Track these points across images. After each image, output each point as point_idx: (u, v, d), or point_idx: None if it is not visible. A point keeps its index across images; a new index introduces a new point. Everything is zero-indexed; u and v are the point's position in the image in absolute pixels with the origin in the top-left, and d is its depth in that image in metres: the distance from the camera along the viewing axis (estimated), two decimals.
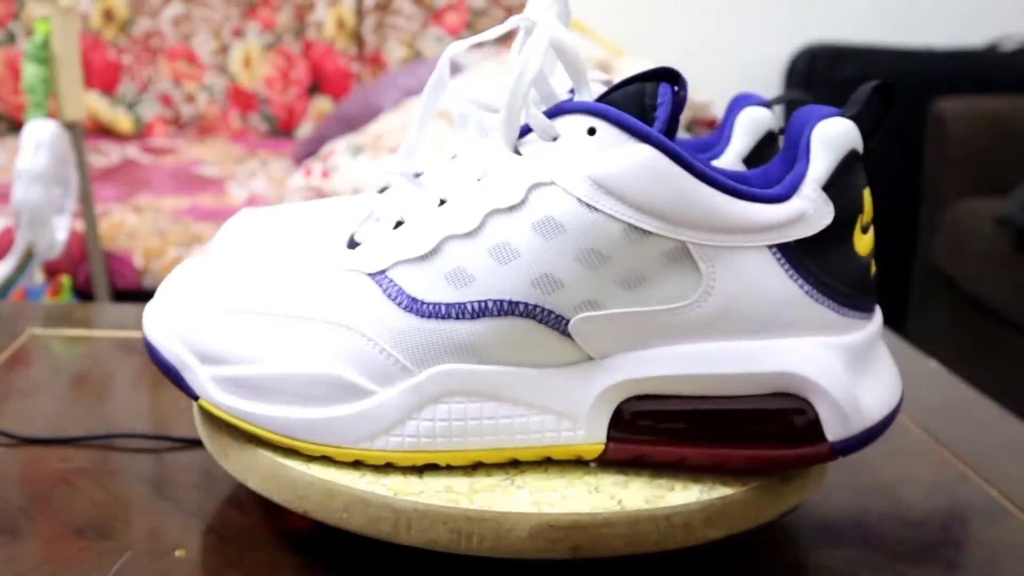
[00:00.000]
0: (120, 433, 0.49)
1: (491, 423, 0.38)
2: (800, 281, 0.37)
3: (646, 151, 0.36)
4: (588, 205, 0.36)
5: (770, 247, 0.37)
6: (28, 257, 1.12)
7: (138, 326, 0.68)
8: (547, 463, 0.39)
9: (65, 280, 1.26)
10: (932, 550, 0.43)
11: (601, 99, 0.38)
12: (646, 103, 0.37)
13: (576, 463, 0.39)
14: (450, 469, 0.38)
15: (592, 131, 0.36)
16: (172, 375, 0.40)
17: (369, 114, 1.66)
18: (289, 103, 2.00)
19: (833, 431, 0.38)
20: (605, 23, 2.00)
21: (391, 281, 0.38)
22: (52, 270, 1.29)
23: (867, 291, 0.39)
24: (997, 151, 1.85)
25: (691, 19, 2.18)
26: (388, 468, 0.38)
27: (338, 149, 1.57)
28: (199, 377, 0.39)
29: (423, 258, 0.38)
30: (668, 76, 0.38)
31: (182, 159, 1.78)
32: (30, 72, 1.13)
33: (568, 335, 0.37)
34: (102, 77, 1.96)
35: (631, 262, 0.36)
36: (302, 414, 0.38)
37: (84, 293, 1.33)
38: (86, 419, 0.52)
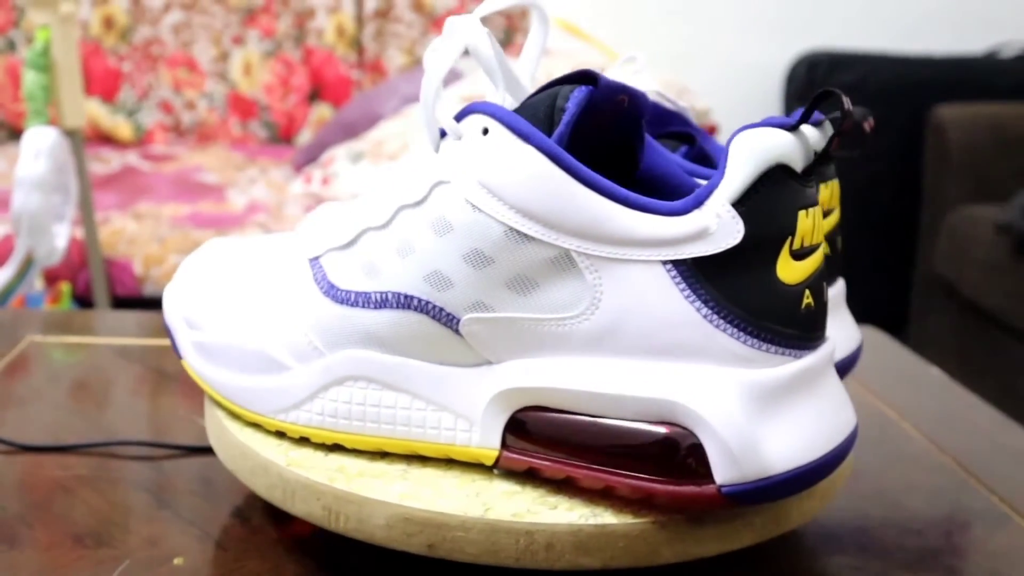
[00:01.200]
0: (119, 441, 0.49)
1: (390, 412, 0.39)
2: (697, 303, 0.34)
3: (530, 154, 0.35)
4: (473, 205, 0.36)
5: (664, 263, 0.34)
6: (28, 264, 1.12)
7: (138, 333, 0.68)
8: (452, 462, 0.39)
9: (65, 287, 1.26)
10: (934, 557, 0.43)
11: (524, 103, 0.37)
12: (557, 105, 0.36)
13: (481, 467, 0.39)
14: (357, 453, 0.39)
15: (486, 131, 0.36)
16: (169, 335, 0.44)
17: (369, 121, 1.66)
18: (289, 110, 2.00)
19: (722, 474, 0.33)
20: (604, 29, 2.01)
21: (320, 267, 0.40)
22: (52, 277, 1.29)
23: (795, 324, 0.34)
24: (997, 157, 1.85)
25: (690, 26, 2.18)
26: (304, 442, 0.40)
27: (338, 156, 1.58)
28: (183, 339, 0.43)
29: (345, 247, 0.39)
30: (588, 80, 0.36)
31: (182, 166, 1.78)
32: (30, 79, 1.13)
33: (461, 335, 0.37)
34: (102, 84, 1.96)
35: (516, 266, 0.36)
36: (239, 381, 0.41)
37: (84, 300, 1.33)
38: (85, 426, 0.52)
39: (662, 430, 0.34)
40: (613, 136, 0.38)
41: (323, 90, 2.01)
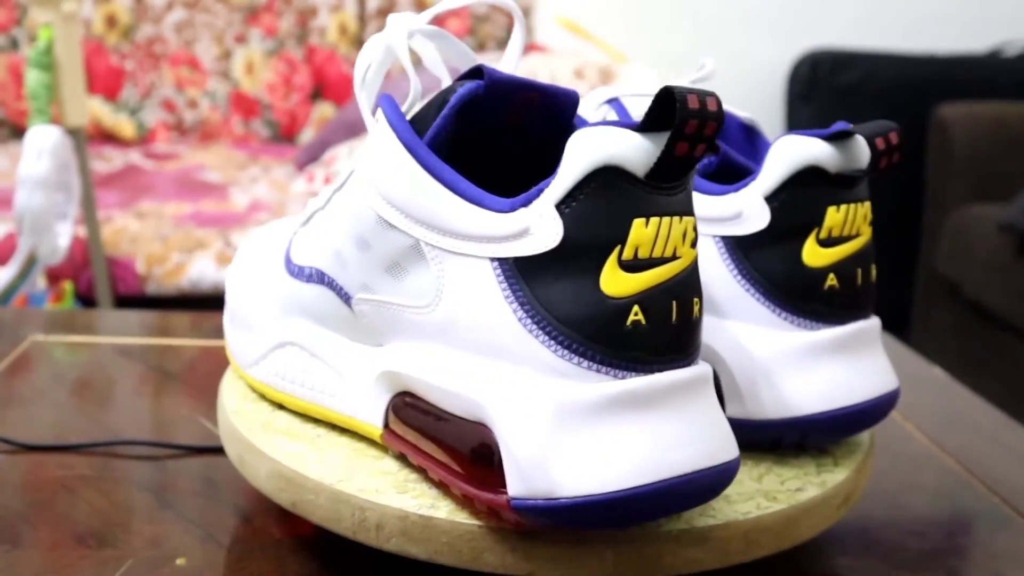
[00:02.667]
0: (122, 440, 0.49)
1: (312, 379, 0.42)
2: (515, 305, 0.33)
3: (394, 144, 0.36)
4: (357, 192, 0.38)
5: (492, 260, 0.33)
6: (31, 263, 1.12)
7: (140, 333, 0.68)
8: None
9: (67, 286, 1.26)
10: (936, 558, 0.43)
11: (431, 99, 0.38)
12: (445, 99, 0.37)
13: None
14: (297, 414, 0.43)
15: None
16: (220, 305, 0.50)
17: None
18: (291, 109, 2.00)
19: (512, 485, 0.32)
20: (608, 29, 2.00)
21: (290, 242, 0.44)
22: (54, 276, 1.29)
23: (617, 342, 0.32)
24: (1000, 157, 1.85)
25: (693, 25, 2.18)
26: (262, 398, 0.45)
27: (340, 155, 1.57)
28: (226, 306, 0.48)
29: (303, 225, 0.43)
30: (478, 75, 0.37)
31: (185, 165, 1.78)
32: (33, 78, 1.13)
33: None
34: (105, 83, 1.96)
35: (387, 252, 0.37)
36: (234, 336, 0.46)
37: (86, 299, 1.33)
38: (88, 426, 0.52)
39: (477, 432, 0.34)
40: (544, 134, 0.37)
41: (325, 89, 2.01)
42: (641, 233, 0.32)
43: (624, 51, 1.90)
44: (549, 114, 0.37)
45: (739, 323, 0.41)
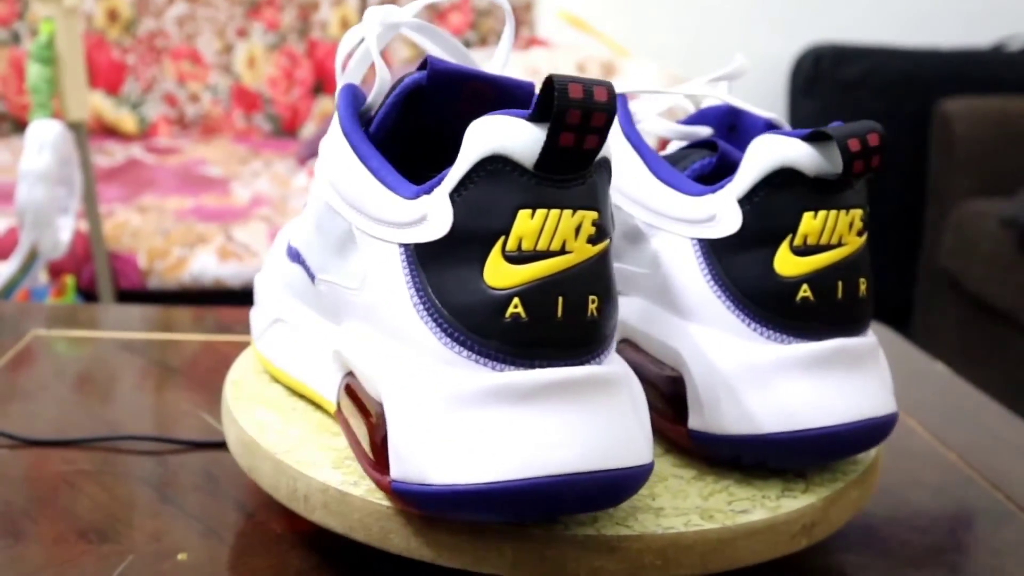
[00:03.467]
0: (124, 435, 0.49)
1: (294, 353, 0.44)
2: (412, 291, 0.33)
3: (337, 131, 0.38)
4: (317, 178, 0.39)
5: (399, 245, 0.34)
6: (32, 257, 1.12)
7: (142, 327, 0.68)
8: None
9: (69, 280, 1.26)
10: (938, 553, 0.43)
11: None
12: (394, 88, 0.38)
13: None
14: (287, 388, 0.45)
15: None
16: None
17: None
18: (293, 103, 2.00)
19: (393, 469, 0.33)
20: (610, 23, 2.00)
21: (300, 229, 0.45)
22: (56, 270, 1.29)
23: (497, 335, 0.31)
24: (1003, 151, 1.85)
25: (696, 19, 2.18)
26: (265, 372, 0.47)
27: None
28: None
29: (303, 208, 0.45)
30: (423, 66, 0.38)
31: (186, 159, 1.78)
32: (34, 72, 1.13)
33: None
34: (106, 77, 1.96)
35: (335, 235, 0.38)
36: (253, 310, 0.48)
37: (88, 294, 1.33)
38: (90, 421, 0.52)
39: (379, 414, 0.34)
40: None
41: (327, 83, 2.00)
42: (526, 225, 0.31)
43: (626, 45, 1.90)
44: (503, 105, 0.36)
45: (709, 330, 0.39)
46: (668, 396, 0.41)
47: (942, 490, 0.49)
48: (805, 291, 0.38)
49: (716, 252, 0.39)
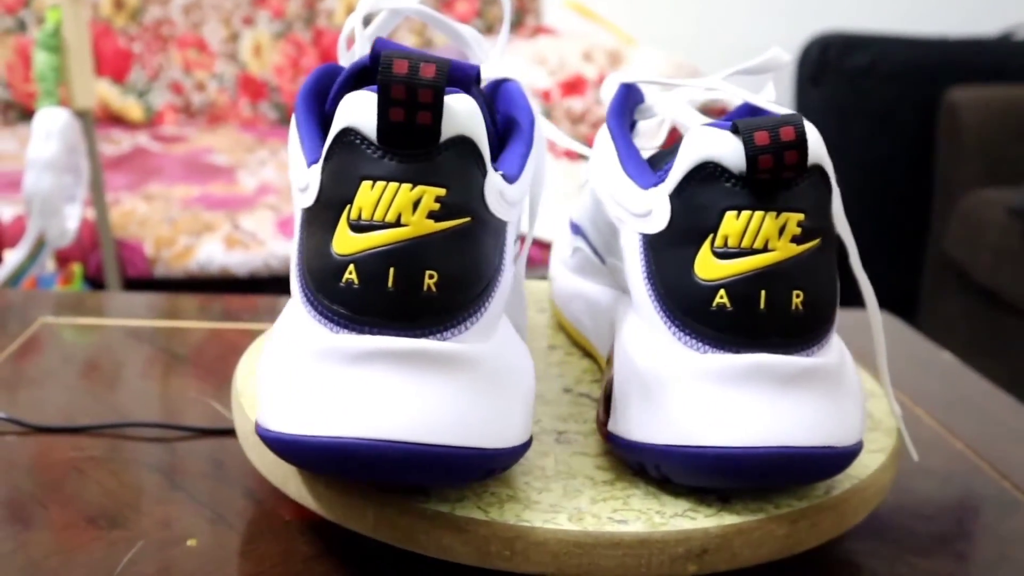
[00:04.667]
0: (132, 422, 0.50)
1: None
2: (295, 251, 0.36)
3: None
4: None
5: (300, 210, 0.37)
6: (39, 245, 1.13)
7: (149, 315, 0.68)
8: None
9: (76, 268, 1.26)
10: (945, 542, 0.43)
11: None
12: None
13: None
14: None
15: None
16: None
17: None
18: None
19: (258, 414, 0.35)
20: (616, 12, 2.00)
21: None
22: (63, 258, 1.30)
23: (340, 300, 0.33)
24: (1011, 140, 1.84)
25: (703, 8, 2.17)
26: None
27: None
28: None
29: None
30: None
31: (192, 147, 1.78)
32: (41, 60, 1.13)
33: None
34: (113, 65, 1.96)
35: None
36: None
37: (95, 281, 1.33)
38: (97, 408, 0.52)
39: None
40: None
41: None
42: (367, 195, 0.32)
43: (633, 34, 1.89)
44: (450, 86, 0.37)
45: (641, 330, 0.37)
46: (605, 395, 0.40)
47: (949, 479, 0.49)
48: (722, 297, 0.35)
49: (651, 248, 0.37)
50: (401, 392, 0.32)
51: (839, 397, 0.35)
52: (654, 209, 0.37)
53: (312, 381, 0.32)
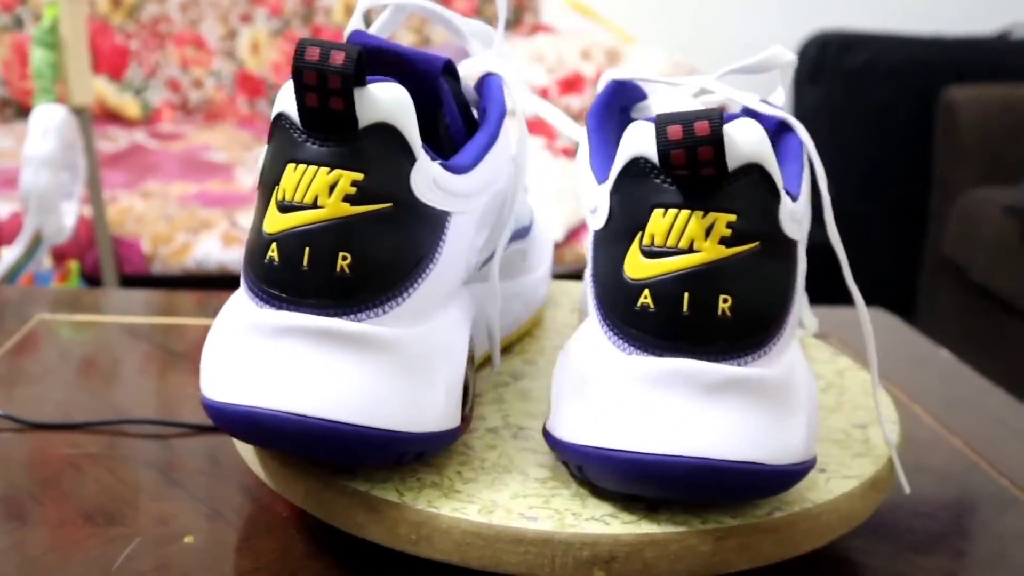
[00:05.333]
0: (128, 419, 0.49)
1: None
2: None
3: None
4: None
5: None
6: (36, 242, 1.12)
7: (146, 312, 0.68)
8: None
9: (73, 265, 1.26)
10: (943, 539, 0.43)
11: None
12: None
13: None
14: None
15: None
16: None
17: None
18: None
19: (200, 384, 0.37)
20: (615, 10, 2.00)
21: None
22: (60, 255, 1.29)
23: (264, 278, 0.34)
24: (1008, 139, 1.84)
25: (701, 5, 2.17)
26: None
27: None
28: None
29: None
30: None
31: (190, 145, 1.78)
32: (38, 57, 1.13)
33: None
34: (110, 62, 1.96)
35: None
36: None
37: (92, 279, 1.33)
38: (94, 404, 0.52)
39: None
40: (414, 96, 0.39)
41: None
42: (290, 178, 0.34)
43: (631, 32, 1.89)
44: (415, 78, 0.38)
45: (584, 326, 0.37)
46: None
47: (946, 476, 0.49)
48: (646, 298, 0.34)
49: (595, 245, 0.37)
50: (310, 368, 0.33)
51: (778, 412, 0.33)
52: (599, 205, 0.36)
53: (234, 353, 0.34)
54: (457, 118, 0.40)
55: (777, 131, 0.41)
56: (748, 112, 0.42)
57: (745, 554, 0.35)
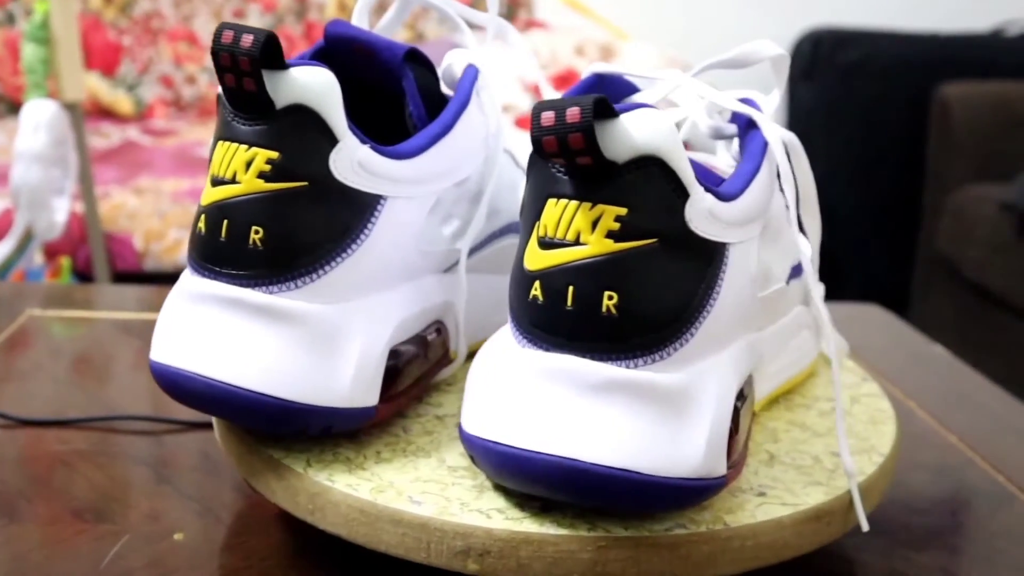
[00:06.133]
0: (119, 415, 0.49)
1: None
2: None
3: None
4: None
5: None
6: (27, 238, 1.12)
7: (138, 308, 0.67)
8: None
9: (65, 262, 1.25)
10: (938, 536, 0.43)
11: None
12: None
13: None
14: None
15: None
16: None
17: None
18: None
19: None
20: (608, 6, 1.99)
21: None
22: (52, 251, 1.29)
23: (194, 248, 0.36)
24: (1002, 136, 1.84)
25: (695, 2, 2.17)
26: None
27: None
28: None
29: None
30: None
31: (183, 141, 1.77)
32: (29, 52, 1.12)
33: None
34: (102, 58, 1.95)
35: None
36: None
37: (84, 275, 1.32)
38: (85, 401, 0.52)
39: None
40: (380, 85, 0.40)
41: None
42: (219, 155, 0.36)
43: (625, 28, 1.89)
44: (381, 66, 0.40)
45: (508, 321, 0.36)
46: None
47: (942, 472, 0.49)
48: (536, 289, 0.33)
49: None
50: (221, 335, 0.35)
51: (670, 421, 0.32)
52: None
53: (166, 316, 0.37)
54: (420, 106, 0.40)
55: (747, 129, 0.40)
56: (746, 108, 0.41)
57: (633, 568, 0.33)
